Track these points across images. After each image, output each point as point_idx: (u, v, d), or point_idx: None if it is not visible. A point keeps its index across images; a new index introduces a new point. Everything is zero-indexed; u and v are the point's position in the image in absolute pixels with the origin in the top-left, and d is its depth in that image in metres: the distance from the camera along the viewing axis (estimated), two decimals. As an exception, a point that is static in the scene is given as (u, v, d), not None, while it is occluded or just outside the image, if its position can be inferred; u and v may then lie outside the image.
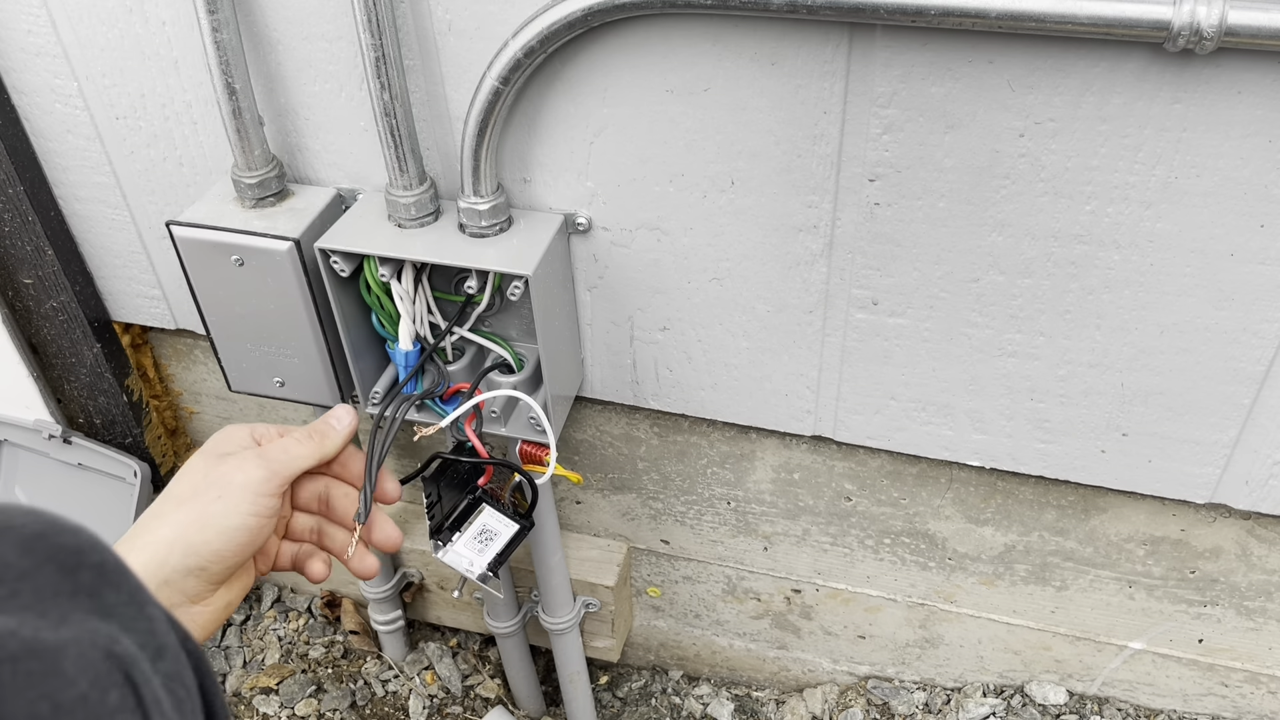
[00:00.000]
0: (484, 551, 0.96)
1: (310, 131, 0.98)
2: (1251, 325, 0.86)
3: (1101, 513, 1.08)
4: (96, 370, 1.27)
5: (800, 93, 0.83)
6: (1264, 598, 1.11)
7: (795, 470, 1.15)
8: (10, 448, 1.37)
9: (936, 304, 0.93)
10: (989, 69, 0.78)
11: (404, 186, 0.91)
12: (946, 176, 0.84)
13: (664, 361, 1.05)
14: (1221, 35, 0.68)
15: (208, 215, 0.96)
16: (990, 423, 1.00)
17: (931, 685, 1.35)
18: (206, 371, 1.34)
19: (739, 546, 1.27)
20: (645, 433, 1.18)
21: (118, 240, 1.16)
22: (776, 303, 0.97)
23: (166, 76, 0.99)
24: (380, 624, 1.44)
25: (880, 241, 0.90)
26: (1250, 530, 1.05)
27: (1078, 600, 1.18)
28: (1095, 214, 0.83)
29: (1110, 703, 1.28)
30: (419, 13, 0.86)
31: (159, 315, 1.23)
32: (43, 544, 0.30)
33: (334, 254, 0.92)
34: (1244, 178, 0.78)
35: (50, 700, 0.27)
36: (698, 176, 0.90)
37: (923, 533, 1.17)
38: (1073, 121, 0.79)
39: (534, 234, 0.93)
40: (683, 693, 1.47)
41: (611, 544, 1.33)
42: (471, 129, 0.86)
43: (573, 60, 0.86)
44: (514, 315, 1.03)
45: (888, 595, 1.26)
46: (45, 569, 0.29)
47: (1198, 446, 0.95)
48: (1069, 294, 0.89)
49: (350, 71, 0.92)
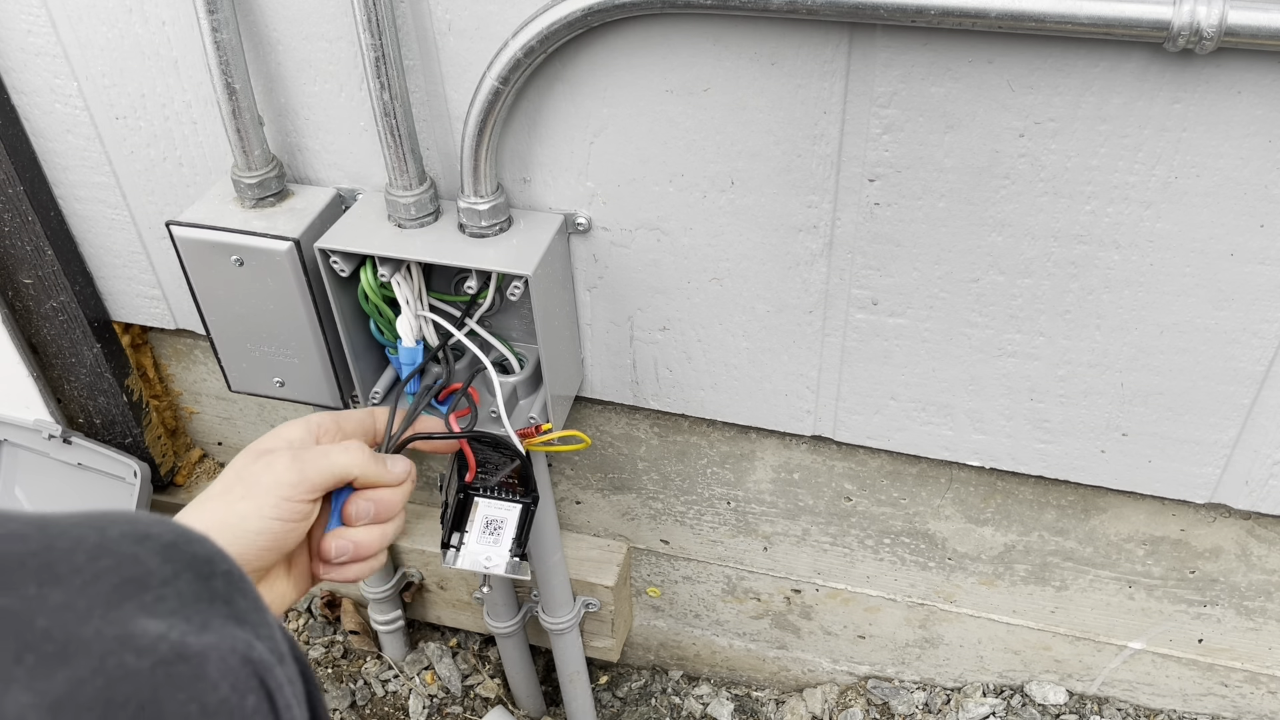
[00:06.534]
0: (498, 542, 0.93)
1: (310, 131, 0.98)
2: (1251, 325, 0.86)
3: (1101, 513, 1.08)
4: (96, 370, 1.27)
5: (800, 92, 0.83)
6: (1264, 598, 1.11)
7: (795, 470, 1.15)
8: (10, 448, 1.37)
9: (936, 304, 0.93)
10: (989, 69, 0.78)
11: (404, 186, 0.91)
12: (946, 176, 0.84)
13: (664, 361, 1.05)
14: (1221, 35, 0.68)
15: (207, 215, 0.96)
16: (990, 423, 1.00)
17: (931, 685, 1.35)
18: (206, 371, 1.34)
19: (739, 546, 1.27)
20: (645, 433, 1.18)
21: (117, 240, 1.16)
22: (776, 303, 0.97)
23: (166, 76, 0.99)
24: (380, 624, 1.44)
25: (880, 241, 0.90)
26: (1250, 530, 1.05)
27: (1077, 600, 1.18)
28: (1095, 214, 0.83)
29: (1110, 703, 1.28)
30: (419, 13, 0.86)
31: (159, 315, 1.23)
32: (178, 552, 0.31)
33: (334, 254, 0.92)
34: (1244, 178, 0.78)
35: (198, 703, 0.28)
36: (697, 176, 0.90)
37: (923, 533, 1.17)
38: (1073, 121, 0.79)
39: (534, 234, 0.93)
40: (683, 693, 1.47)
41: (611, 544, 1.33)
42: (471, 129, 0.86)
43: (573, 60, 0.86)
44: (514, 315, 1.03)
45: (887, 595, 1.26)
46: (184, 576, 0.31)
47: (1198, 446, 0.95)
48: (1069, 294, 0.88)
49: (350, 71, 0.92)
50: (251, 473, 0.68)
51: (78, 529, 0.30)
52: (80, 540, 0.29)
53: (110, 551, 0.30)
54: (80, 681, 0.26)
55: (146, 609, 0.29)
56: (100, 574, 0.29)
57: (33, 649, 0.26)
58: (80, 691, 0.26)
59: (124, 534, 0.30)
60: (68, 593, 0.28)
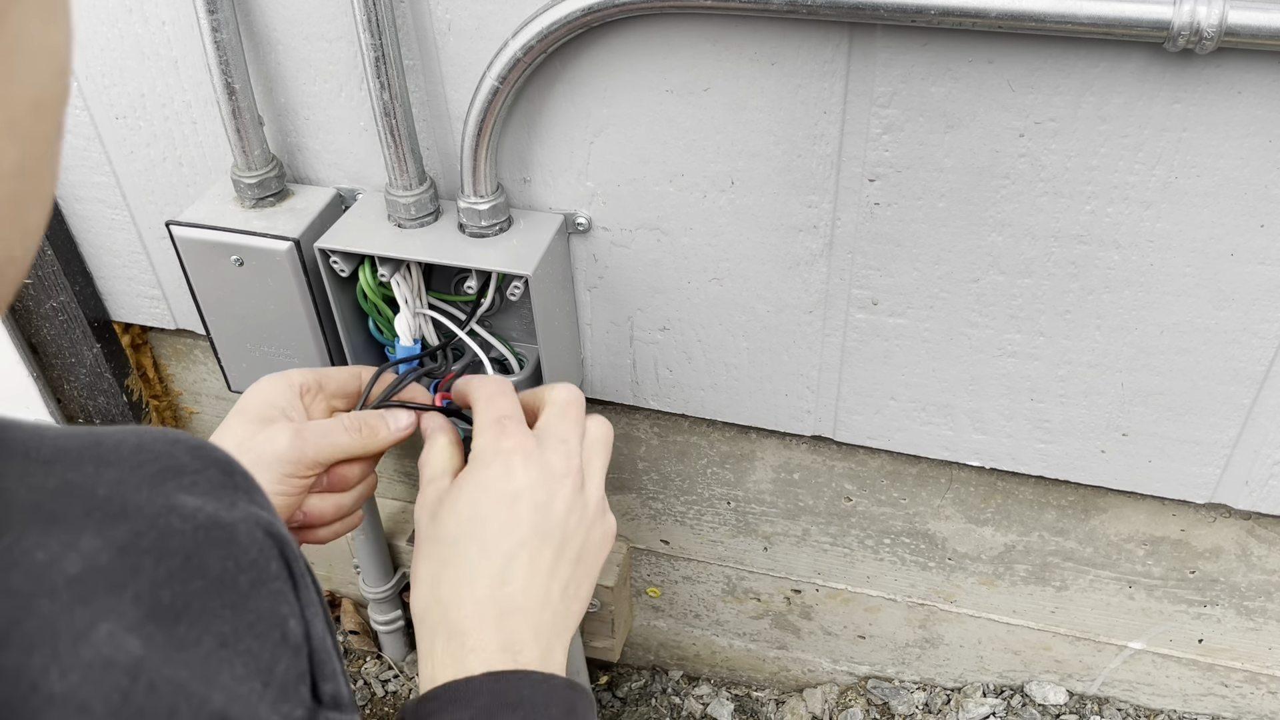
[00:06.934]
0: None
1: (310, 131, 0.98)
2: (1251, 325, 0.86)
3: (1101, 513, 1.08)
4: (96, 370, 1.27)
5: (800, 92, 0.83)
6: (1264, 598, 1.11)
7: (795, 470, 1.15)
8: (10, 448, 1.36)
9: (936, 304, 0.93)
10: (989, 69, 0.78)
11: (404, 186, 0.91)
12: (946, 176, 0.84)
13: (664, 361, 1.05)
14: (1222, 35, 0.68)
15: (207, 215, 0.96)
16: (990, 423, 1.00)
17: (931, 685, 1.35)
18: (206, 371, 1.34)
19: (739, 546, 1.27)
20: (645, 433, 1.18)
21: (117, 240, 1.16)
22: (776, 303, 0.97)
23: (166, 76, 0.99)
24: (380, 624, 1.44)
25: (880, 241, 0.90)
26: (1250, 530, 1.05)
27: (1078, 600, 1.18)
28: (1095, 214, 0.83)
29: (1110, 703, 1.28)
30: (419, 12, 0.86)
31: (159, 315, 1.23)
32: (204, 452, 0.36)
33: (334, 254, 0.92)
34: (1244, 178, 0.78)
35: (233, 560, 0.34)
36: (697, 176, 0.90)
37: (923, 533, 1.17)
38: (1073, 121, 0.79)
39: (534, 234, 0.93)
40: (683, 693, 1.47)
41: (611, 544, 1.33)
42: (471, 129, 0.86)
43: (573, 60, 0.86)
44: (514, 315, 1.03)
45: (888, 595, 1.26)
46: (210, 470, 0.36)
47: (1198, 446, 0.95)
48: (1069, 294, 0.88)
49: (350, 71, 0.92)
50: (255, 444, 0.70)
51: (118, 433, 0.35)
52: (122, 439, 0.35)
53: (148, 448, 0.35)
54: (138, 533, 0.32)
55: (184, 489, 0.34)
56: (142, 463, 0.34)
57: (98, 508, 0.32)
58: (139, 540, 0.32)
59: (157, 438, 0.35)
60: (120, 472, 0.33)
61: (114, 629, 0.30)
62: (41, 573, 0.29)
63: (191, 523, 0.33)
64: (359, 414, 0.76)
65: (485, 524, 0.67)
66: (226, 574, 0.34)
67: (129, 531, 0.32)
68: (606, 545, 0.73)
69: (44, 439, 0.33)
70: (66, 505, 0.31)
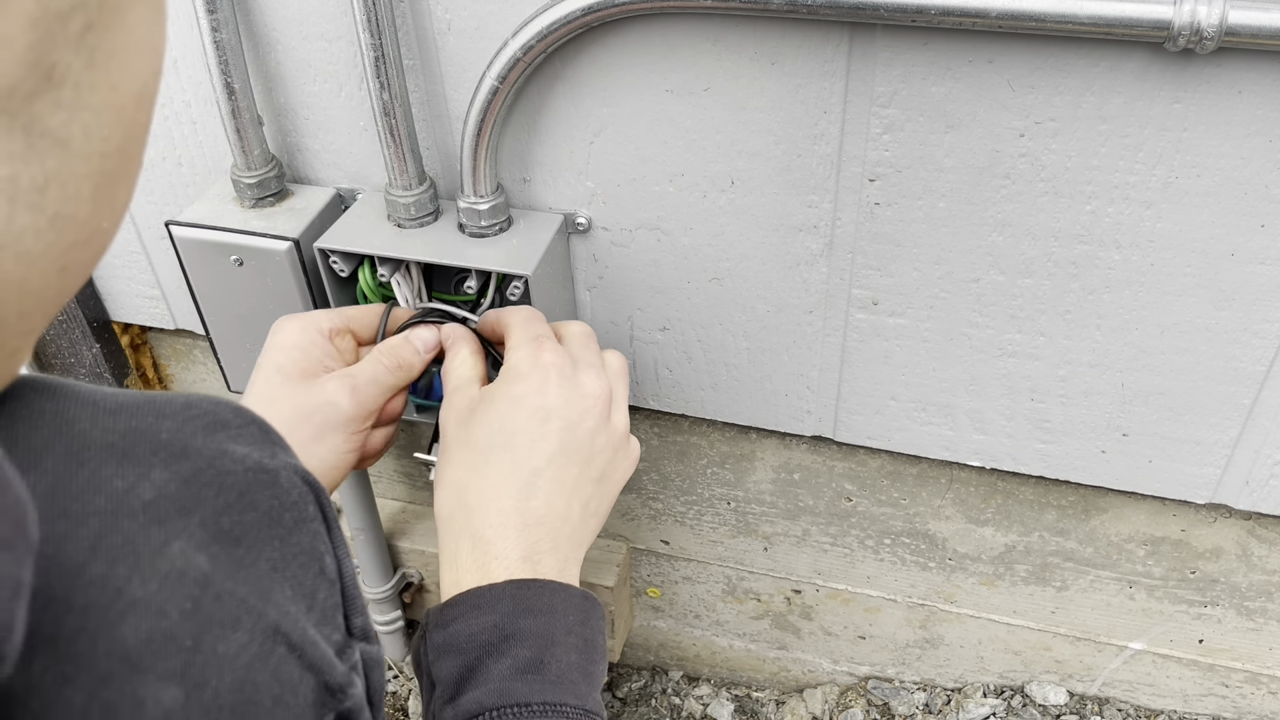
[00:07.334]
0: None
1: (310, 131, 0.98)
2: (1252, 325, 0.86)
3: (1102, 513, 1.08)
4: (96, 370, 1.27)
5: (800, 92, 0.83)
6: (1264, 598, 1.11)
7: (795, 470, 1.15)
8: (9, 448, 1.36)
9: (937, 304, 0.93)
10: (989, 69, 0.78)
11: (404, 186, 0.91)
12: (947, 176, 0.84)
13: (664, 361, 1.05)
14: (1222, 35, 0.68)
15: (207, 215, 0.96)
16: (990, 423, 1.00)
17: (931, 686, 1.35)
18: (206, 371, 1.34)
19: (739, 547, 1.27)
20: (645, 433, 1.18)
21: (117, 240, 1.16)
22: (776, 303, 0.97)
23: (165, 76, 0.98)
24: (380, 624, 1.43)
25: (880, 241, 0.90)
26: (1251, 530, 1.05)
27: (1078, 600, 1.18)
28: (1096, 214, 0.83)
29: (1111, 703, 1.28)
30: (419, 12, 0.86)
31: (158, 315, 1.23)
32: (245, 412, 0.40)
33: (333, 254, 0.92)
34: (1244, 178, 0.78)
35: (279, 500, 0.38)
36: (697, 176, 0.90)
37: (923, 533, 1.17)
38: (1073, 121, 0.79)
39: (534, 234, 0.93)
40: (683, 693, 1.47)
41: (611, 544, 1.33)
42: (471, 128, 0.86)
43: (573, 60, 0.86)
44: (514, 315, 1.03)
45: (888, 595, 1.26)
46: (251, 427, 0.39)
47: (1198, 447, 0.95)
48: (1069, 294, 0.88)
49: (350, 71, 0.92)
50: (315, 407, 0.73)
51: (166, 394, 0.38)
52: (173, 398, 0.38)
53: (196, 405, 0.38)
54: (199, 470, 0.36)
55: (232, 439, 0.38)
56: (194, 416, 0.38)
57: (163, 448, 0.36)
58: (200, 475, 0.36)
59: (202, 398, 0.39)
60: (176, 422, 0.37)
61: (185, 546, 0.34)
62: (121, 497, 0.33)
63: (242, 465, 0.37)
64: (389, 348, 0.79)
65: (516, 437, 0.70)
66: (274, 510, 0.38)
67: (191, 468, 0.36)
68: (629, 469, 0.79)
69: (106, 395, 0.37)
70: (135, 444, 0.35)
